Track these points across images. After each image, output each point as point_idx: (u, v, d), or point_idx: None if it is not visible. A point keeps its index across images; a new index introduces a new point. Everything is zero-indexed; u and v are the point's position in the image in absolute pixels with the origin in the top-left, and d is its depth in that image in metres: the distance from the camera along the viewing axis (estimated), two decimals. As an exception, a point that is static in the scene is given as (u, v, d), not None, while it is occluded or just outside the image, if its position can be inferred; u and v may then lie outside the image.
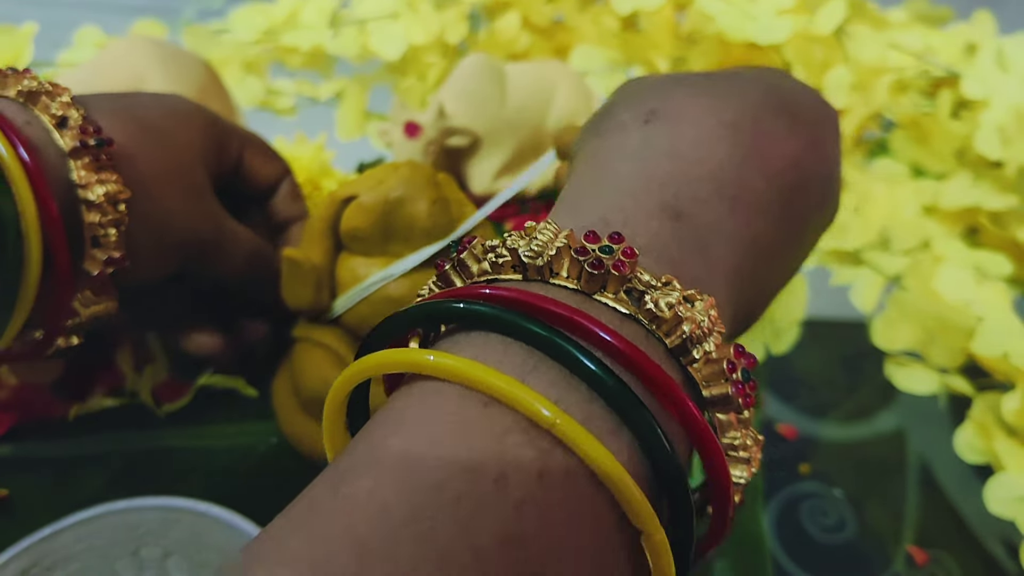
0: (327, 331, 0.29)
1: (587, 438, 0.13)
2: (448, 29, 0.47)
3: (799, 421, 0.36)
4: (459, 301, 0.15)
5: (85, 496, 0.30)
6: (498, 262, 0.15)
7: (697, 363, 0.15)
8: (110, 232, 0.24)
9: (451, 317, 0.15)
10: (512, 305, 0.14)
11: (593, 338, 0.14)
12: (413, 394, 0.14)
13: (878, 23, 0.43)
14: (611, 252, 0.15)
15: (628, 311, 0.15)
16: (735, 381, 0.15)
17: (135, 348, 0.34)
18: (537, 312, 0.14)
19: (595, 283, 0.15)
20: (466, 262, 0.16)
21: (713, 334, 0.15)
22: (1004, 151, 0.38)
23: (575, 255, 0.15)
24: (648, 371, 0.14)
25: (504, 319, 0.14)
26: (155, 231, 0.26)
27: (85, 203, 0.23)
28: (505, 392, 0.13)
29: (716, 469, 0.15)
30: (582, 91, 0.42)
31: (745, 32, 0.41)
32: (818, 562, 0.31)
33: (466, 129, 0.37)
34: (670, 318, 0.15)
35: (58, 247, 0.22)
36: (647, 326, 0.15)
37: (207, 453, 0.31)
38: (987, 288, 0.35)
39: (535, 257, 0.15)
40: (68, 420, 0.32)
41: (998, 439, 0.32)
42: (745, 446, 0.15)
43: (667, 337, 0.15)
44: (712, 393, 0.15)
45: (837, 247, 0.39)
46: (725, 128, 0.19)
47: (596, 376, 0.13)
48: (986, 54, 0.40)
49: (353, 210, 0.29)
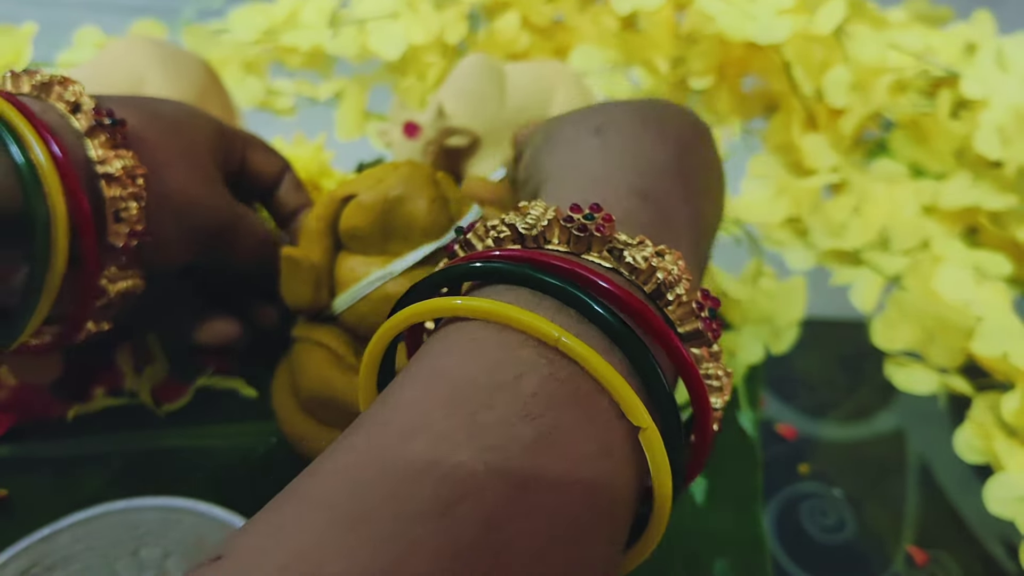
0: (326, 330, 0.29)
1: (586, 348, 0.15)
2: (448, 29, 0.47)
3: (799, 421, 0.36)
4: (475, 262, 0.18)
5: (85, 496, 0.30)
6: (500, 237, 0.18)
7: (671, 305, 0.17)
8: (131, 205, 0.24)
9: (469, 276, 0.18)
10: (520, 260, 0.17)
11: (587, 283, 0.17)
12: (439, 335, 0.17)
13: (878, 23, 0.43)
14: (593, 219, 0.18)
15: (611, 265, 0.18)
16: (704, 318, 0.17)
17: (135, 348, 0.34)
18: (540, 265, 0.17)
19: (582, 244, 0.18)
20: (471, 241, 0.19)
21: (682, 281, 0.18)
22: (1004, 151, 0.38)
23: (563, 223, 0.18)
24: (635, 308, 0.16)
25: (513, 271, 0.17)
26: (174, 211, 0.26)
27: (105, 177, 0.24)
28: (517, 318, 0.16)
29: (696, 393, 0.17)
30: (581, 91, 0.42)
31: (745, 32, 0.41)
32: (818, 562, 0.31)
33: (465, 129, 0.37)
34: (646, 268, 0.17)
35: (84, 222, 0.23)
36: (628, 276, 0.18)
37: (207, 453, 0.31)
38: (987, 288, 0.35)
39: (531, 228, 0.18)
40: (68, 420, 0.32)
41: (998, 439, 0.32)
42: (718, 376, 0.18)
43: (645, 285, 0.18)
44: (686, 329, 0.18)
45: (837, 247, 0.39)
46: (659, 137, 0.23)
47: (590, 307, 0.16)
48: (986, 54, 0.40)
49: (352, 209, 0.29)
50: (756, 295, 0.37)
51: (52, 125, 0.23)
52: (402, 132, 0.38)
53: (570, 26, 0.49)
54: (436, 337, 0.17)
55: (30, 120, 0.23)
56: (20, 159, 0.22)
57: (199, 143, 0.28)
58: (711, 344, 0.18)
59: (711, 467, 0.32)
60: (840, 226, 0.40)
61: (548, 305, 0.17)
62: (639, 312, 0.16)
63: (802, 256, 0.40)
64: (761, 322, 0.36)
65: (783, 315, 0.36)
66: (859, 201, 0.40)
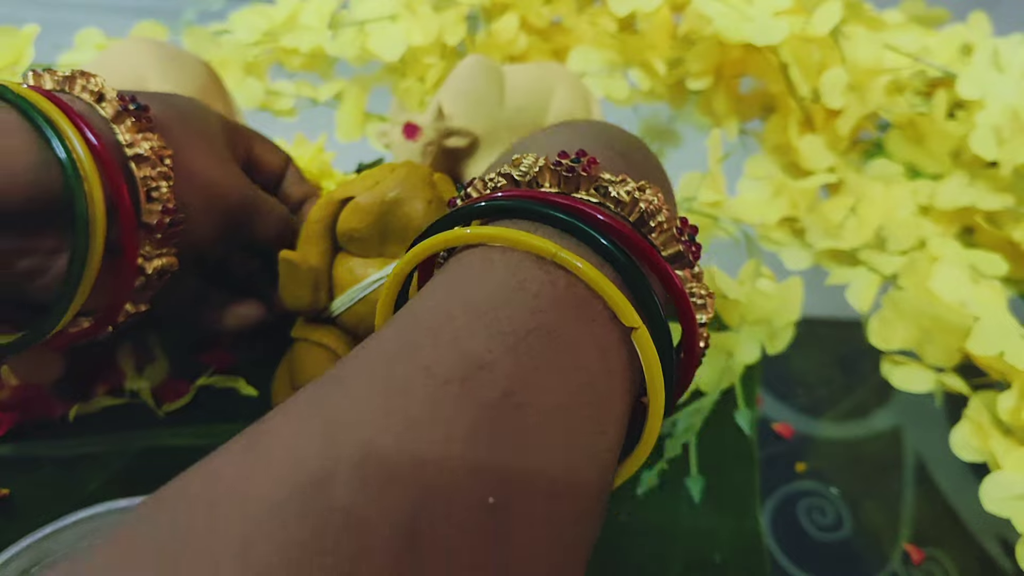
0: (325, 331, 0.29)
1: (580, 260, 0.17)
2: (447, 30, 0.47)
3: (796, 420, 0.36)
4: (480, 202, 0.19)
5: (86, 495, 0.30)
6: (497, 186, 0.20)
7: (655, 232, 0.19)
8: (161, 185, 0.25)
9: (477, 214, 0.19)
10: (519, 197, 0.19)
11: (580, 213, 0.18)
12: (448, 266, 0.19)
13: (874, 24, 0.43)
14: (579, 162, 0.19)
15: (599, 200, 0.19)
16: (684, 241, 0.19)
17: (136, 348, 0.34)
18: (537, 200, 0.19)
19: (571, 185, 0.19)
20: (471, 194, 0.20)
21: (662, 210, 0.19)
22: (999, 151, 0.38)
23: (553, 167, 0.19)
24: (624, 232, 0.18)
25: (515, 206, 0.19)
26: (201, 191, 0.27)
27: (135, 159, 0.25)
28: (517, 238, 0.17)
29: (683, 307, 0.19)
30: (580, 92, 0.42)
31: (742, 33, 0.41)
32: (815, 560, 0.31)
33: (465, 130, 0.38)
34: (629, 201, 0.19)
35: (124, 205, 0.24)
36: (614, 210, 0.19)
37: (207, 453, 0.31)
38: (983, 287, 0.35)
39: (524, 175, 0.20)
40: (69, 420, 0.32)
41: (994, 438, 0.32)
42: (701, 295, 0.19)
43: (630, 216, 0.19)
44: (669, 252, 0.19)
45: (833, 247, 0.40)
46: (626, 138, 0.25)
47: (584, 231, 0.18)
48: (981, 55, 0.40)
49: (350, 211, 0.29)
50: (754, 296, 0.37)
51: (84, 115, 0.24)
52: (402, 133, 0.38)
53: (568, 27, 0.49)
54: (449, 262, 0.19)
55: (65, 112, 0.23)
56: (63, 154, 0.23)
57: (212, 130, 0.29)
58: (692, 265, 0.19)
59: (708, 465, 0.32)
60: (837, 226, 0.40)
61: (547, 231, 0.18)
62: (628, 236, 0.18)
63: (799, 256, 0.40)
64: (758, 323, 0.37)
65: (780, 316, 0.37)
66: (856, 201, 0.40)
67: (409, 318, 0.17)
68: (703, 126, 0.47)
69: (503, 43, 0.48)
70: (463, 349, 0.15)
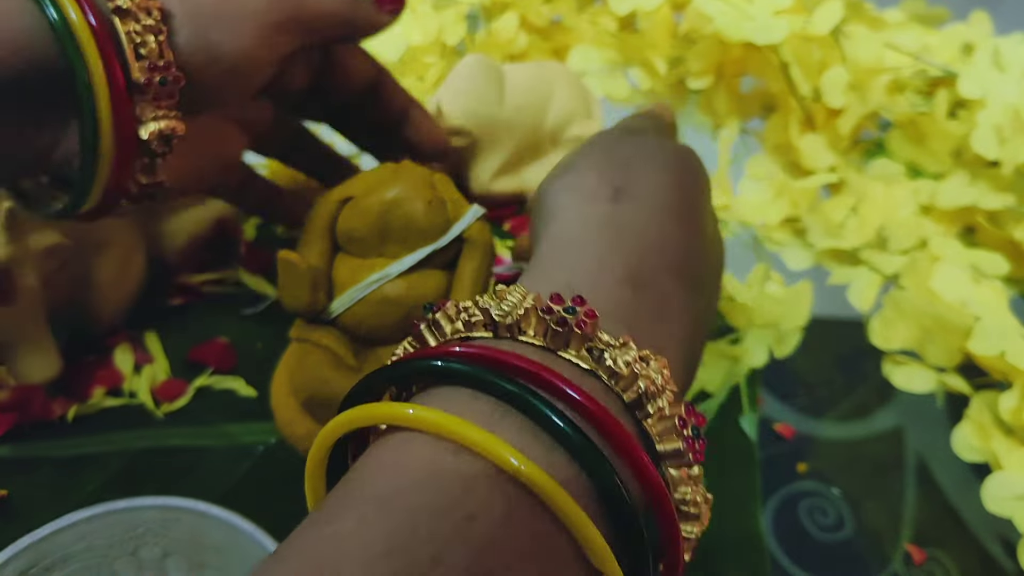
0: (325, 332, 0.29)
1: (550, 483, 0.14)
2: (446, 30, 0.47)
3: (797, 420, 0.36)
4: (434, 359, 0.16)
5: (84, 496, 0.30)
6: (471, 321, 0.17)
7: (651, 418, 0.16)
8: (148, 39, 0.23)
9: (426, 375, 0.16)
10: (481, 361, 0.15)
11: (556, 391, 0.15)
12: (390, 444, 0.15)
13: (875, 23, 0.43)
14: (574, 313, 0.16)
15: (589, 367, 0.16)
16: (686, 437, 0.16)
17: (134, 348, 0.34)
18: (504, 367, 0.15)
19: (559, 340, 0.16)
20: (440, 322, 0.17)
21: (666, 392, 0.16)
22: (1001, 151, 0.38)
23: (541, 314, 0.16)
24: (607, 424, 0.15)
25: (473, 374, 0.15)
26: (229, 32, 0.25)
27: (117, 11, 0.23)
28: (474, 440, 0.14)
29: (667, 522, 0.16)
30: (580, 91, 0.42)
31: (743, 32, 0.41)
32: (816, 561, 0.31)
33: (464, 129, 0.38)
34: (627, 375, 0.16)
35: (107, 59, 0.23)
36: (606, 381, 0.16)
37: (206, 453, 0.31)
38: (984, 287, 0.35)
39: (505, 316, 0.16)
40: (67, 420, 0.32)
41: (995, 438, 0.32)
42: (695, 503, 0.16)
43: (624, 392, 0.16)
44: (665, 447, 0.16)
45: (835, 247, 0.39)
46: (676, 211, 0.22)
47: (558, 427, 0.15)
48: (983, 54, 0.40)
49: (350, 211, 0.29)
50: (762, 299, 0.37)
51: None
52: (401, 133, 0.38)
53: (568, 26, 0.49)
54: (384, 448, 0.15)
55: None
56: (54, 15, 0.22)
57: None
58: (691, 465, 0.16)
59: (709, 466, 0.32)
60: (838, 226, 0.40)
61: (510, 423, 0.15)
62: (610, 430, 0.15)
63: (800, 256, 0.40)
64: (766, 326, 0.36)
65: (788, 320, 0.36)
66: (857, 201, 0.40)
67: (316, 549, 0.13)
68: (704, 126, 0.47)
69: (503, 42, 0.48)
70: None
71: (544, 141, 0.41)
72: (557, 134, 0.41)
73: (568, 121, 0.41)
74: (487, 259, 0.29)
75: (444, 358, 0.16)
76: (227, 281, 0.38)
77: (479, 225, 0.29)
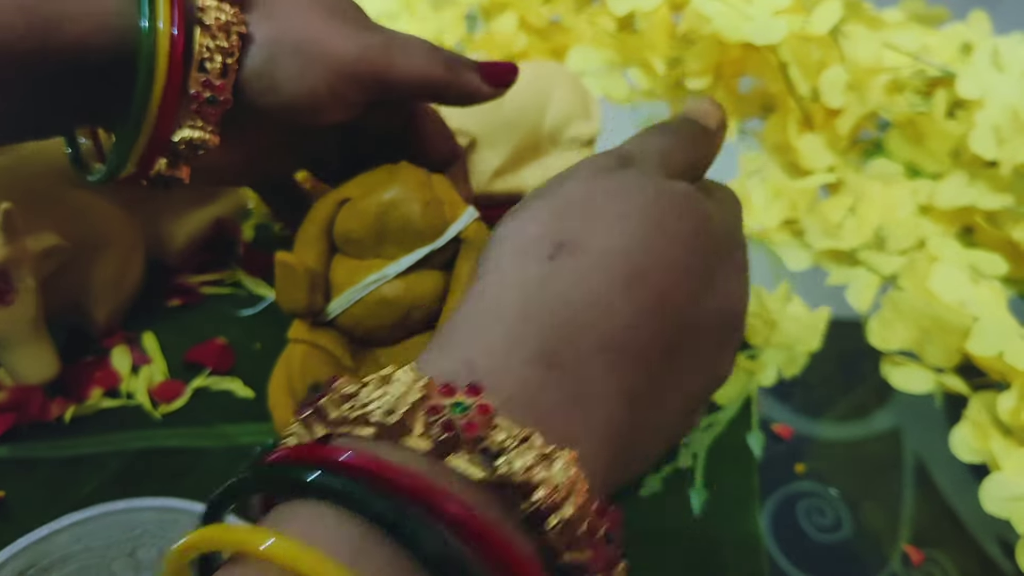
0: (322, 333, 0.29)
1: None
2: (446, 30, 0.47)
3: (795, 420, 0.36)
4: (300, 469, 0.14)
5: (82, 497, 0.30)
6: (353, 417, 0.15)
7: (552, 530, 0.14)
8: (216, 58, 0.24)
9: (289, 486, 0.15)
10: (356, 473, 0.14)
11: (434, 511, 0.13)
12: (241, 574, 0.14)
13: (874, 23, 0.43)
14: (465, 410, 0.14)
15: (480, 475, 0.14)
16: (595, 543, 0.15)
17: (132, 349, 0.34)
18: (380, 483, 0.14)
19: (446, 445, 0.14)
20: (325, 408, 0.16)
21: (571, 497, 0.14)
22: (999, 151, 0.38)
23: (427, 416, 0.15)
24: (494, 545, 0.13)
25: (344, 492, 0.14)
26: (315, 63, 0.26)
27: (200, 24, 0.24)
28: (303, 565, 0.13)
29: None
30: (579, 91, 0.42)
31: (741, 32, 0.41)
32: (814, 561, 0.31)
33: (463, 129, 0.38)
34: (522, 482, 0.14)
35: (173, 61, 0.24)
36: (499, 492, 0.14)
37: (203, 454, 0.31)
38: (982, 287, 0.35)
39: (387, 415, 0.15)
40: (65, 421, 0.32)
41: (994, 438, 0.32)
42: None
43: (520, 504, 0.14)
44: (569, 559, 0.14)
45: (833, 247, 0.39)
46: (630, 279, 0.18)
47: (436, 557, 0.13)
48: (981, 54, 0.40)
49: (347, 213, 0.29)
50: (782, 320, 0.37)
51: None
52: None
53: (567, 27, 0.49)
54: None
55: None
56: (144, 26, 0.23)
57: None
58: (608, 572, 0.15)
59: (708, 466, 0.32)
60: (836, 226, 0.40)
61: (380, 553, 0.13)
62: (498, 553, 0.13)
63: (798, 256, 0.40)
64: (781, 347, 0.36)
65: (803, 342, 0.36)
66: (855, 201, 0.40)
67: None
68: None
69: (502, 42, 0.48)
70: None
71: (543, 141, 0.41)
72: (556, 134, 0.41)
73: (567, 121, 0.41)
74: (485, 260, 0.29)
75: (312, 465, 0.14)
76: (225, 282, 0.38)
77: (476, 225, 0.29)
